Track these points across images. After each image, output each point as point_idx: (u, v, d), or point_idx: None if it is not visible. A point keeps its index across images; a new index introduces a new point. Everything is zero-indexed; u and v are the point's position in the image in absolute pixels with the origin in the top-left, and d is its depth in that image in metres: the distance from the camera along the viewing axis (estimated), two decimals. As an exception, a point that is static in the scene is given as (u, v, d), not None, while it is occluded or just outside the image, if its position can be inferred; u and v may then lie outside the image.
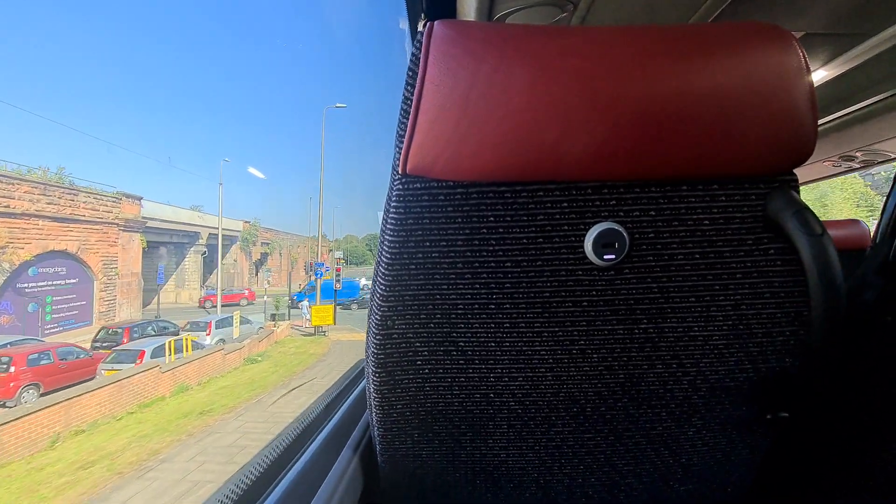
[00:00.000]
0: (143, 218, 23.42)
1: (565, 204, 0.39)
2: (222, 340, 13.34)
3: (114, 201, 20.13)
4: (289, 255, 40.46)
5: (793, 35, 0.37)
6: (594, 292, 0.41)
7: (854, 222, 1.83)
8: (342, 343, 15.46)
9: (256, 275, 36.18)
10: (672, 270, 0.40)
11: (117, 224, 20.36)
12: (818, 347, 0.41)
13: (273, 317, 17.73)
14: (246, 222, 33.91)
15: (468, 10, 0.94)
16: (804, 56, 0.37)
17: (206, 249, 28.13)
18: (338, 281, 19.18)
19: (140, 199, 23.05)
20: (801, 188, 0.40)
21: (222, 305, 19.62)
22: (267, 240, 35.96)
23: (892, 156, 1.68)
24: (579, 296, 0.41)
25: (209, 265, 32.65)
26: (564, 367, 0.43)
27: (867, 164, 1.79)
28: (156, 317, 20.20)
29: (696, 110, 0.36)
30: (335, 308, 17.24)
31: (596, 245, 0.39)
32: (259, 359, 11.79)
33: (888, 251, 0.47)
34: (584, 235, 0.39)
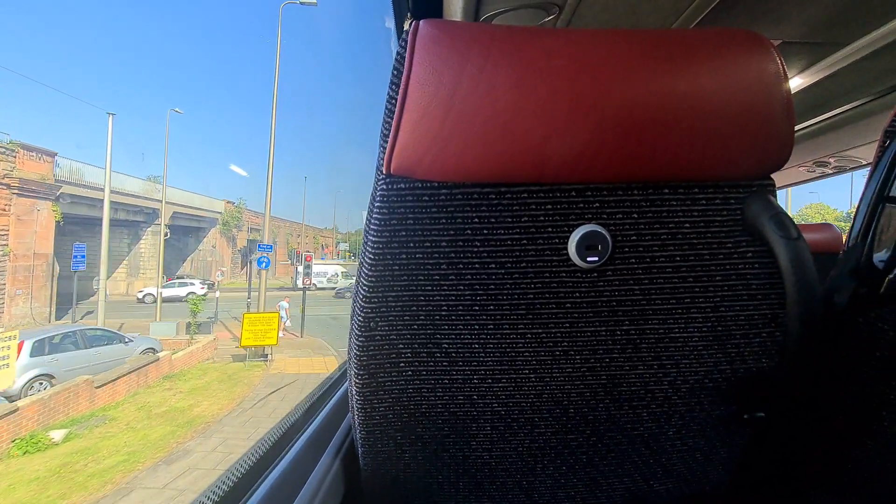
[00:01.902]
0: (59, 181, 16.14)
1: (549, 206, 0.39)
2: (47, 378, 6.67)
3: (2, 153, 13.17)
4: (286, 244, 33.94)
5: (772, 43, 0.38)
6: (577, 294, 0.41)
7: (827, 226, 1.85)
8: (282, 381, 8.42)
9: (241, 266, 29.30)
10: (653, 272, 0.41)
11: (8, 185, 13.26)
12: (794, 348, 0.42)
13: (188, 327, 11.11)
14: (229, 203, 27.33)
15: (454, 11, 0.93)
16: (782, 64, 0.37)
17: (168, 231, 21.55)
18: (307, 275, 12.52)
19: (53, 154, 15.87)
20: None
21: None
22: (257, 225, 29.71)
23: (864, 162, 1.72)
24: (563, 297, 0.41)
25: (176, 250, 25.68)
26: (547, 369, 0.43)
27: (840, 170, 1.84)
28: (80, 316, 13.61)
29: (676, 114, 0.36)
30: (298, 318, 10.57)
31: (579, 247, 0.39)
32: (54, 439, 5.06)
33: (860, 254, 0.47)
34: (568, 237, 0.39)
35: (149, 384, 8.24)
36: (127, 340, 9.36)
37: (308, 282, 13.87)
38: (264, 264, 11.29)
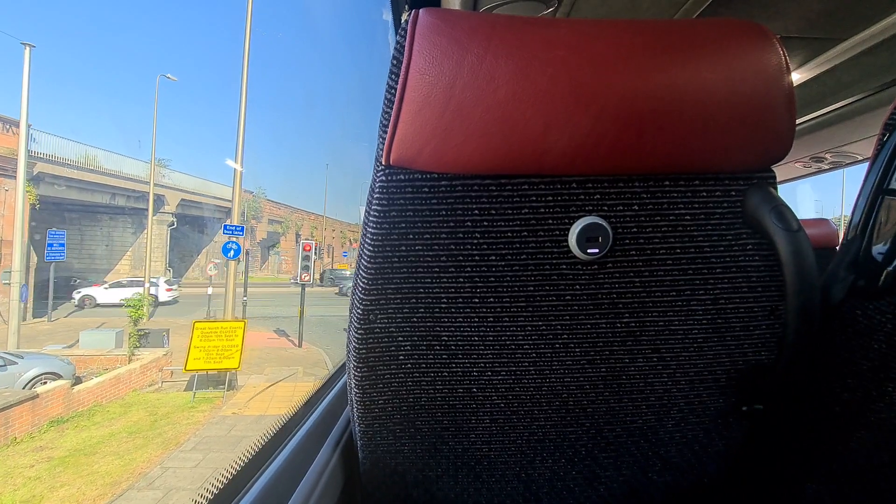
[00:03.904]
0: (34, 158, 13.15)
1: (550, 198, 0.38)
2: None
3: (-47, 120, 10.33)
4: (310, 237, 30.95)
5: (774, 35, 0.38)
6: (578, 286, 0.40)
7: (823, 221, 1.80)
8: (230, 432, 4.66)
9: (261, 259, 26.41)
10: (654, 265, 0.40)
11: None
12: (793, 341, 0.41)
13: (140, 338, 7.86)
14: (247, 192, 24.50)
15: (452, 4, 0.92)
16: (785, 56, 0.36)
17: (173, 219, 18.76)
18: (305, 268, 9.40)
19: (27, 126, 12.81)
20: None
21: None
22: (279, 217, 26.86)
23: (860, 158, 1.67)
24: (563, 290, 0.40)
25: (188, 242, 22.84)
26: (547, 361, 0.42)
27: (836, 166, 1.79)
28: (65, 313, 11.22)
29: (678, 105, 0.35)
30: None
31: (580, 239, 0.38)
32: None
33: (859, 246, 0.46)
34: (569, 229, 0.39)
35: (15, 438, 5.01)
36: (1, 364, 6.14)
37: (307, 277, 10.49)
38: (232, 253, 8.06)
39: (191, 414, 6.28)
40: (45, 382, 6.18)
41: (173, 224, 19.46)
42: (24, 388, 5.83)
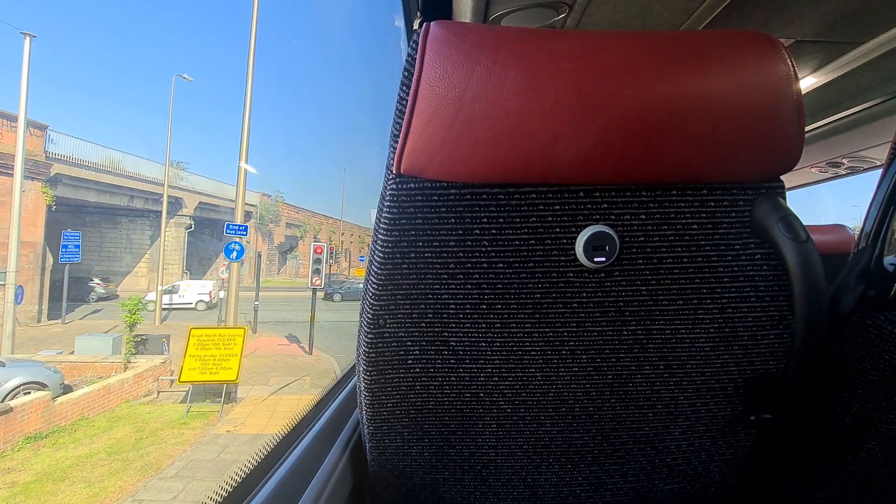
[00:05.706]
0: (51, 159, 13.14)
1: (557, 206, 0.39)
2: None
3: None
4: (328, 240, 30.70)
5: (782, 44, 0.38)
6: (584, 294, 0.41)
7: (839, 227, 1.75)
8: (221, 455, 3.83)
9: (279, 263, 26.26)
10: (661, 274, 0.41)
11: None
12: (801, 350, 0.41)
13: (138, 344, 7.29)
14: (265, 195, 24.39)
15: (464, 11, 0.88)
16: (793, 65, 0.37)
17: (191, 222, 18.61)
18: (316, 272, 8.81)
19: (44, 127, 12.94)
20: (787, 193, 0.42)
21: None
22: (297, 221, 26.70)
23: (878, 163, 1.63)
24: (570, 297, 0.41)
25: (207, 245, 22.74)
26: (554, 368, 0.43)
27: (853, 171, 1.75)
28: (81, 315, 11.11)
29: (685, 116, 0.36)
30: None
31: (587, 247, 0.39)
32: None
33: (871, 257, 0.46)
34: (576, 238, 0.39)
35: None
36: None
37: (318, 281, 9.85)
38: (235, 254, 7.47)
39: (181, 431, 5.63)
40: (29, 393, 5.71)
41: (191, 227, 19.34)
42: (3, 400, 5.32)
